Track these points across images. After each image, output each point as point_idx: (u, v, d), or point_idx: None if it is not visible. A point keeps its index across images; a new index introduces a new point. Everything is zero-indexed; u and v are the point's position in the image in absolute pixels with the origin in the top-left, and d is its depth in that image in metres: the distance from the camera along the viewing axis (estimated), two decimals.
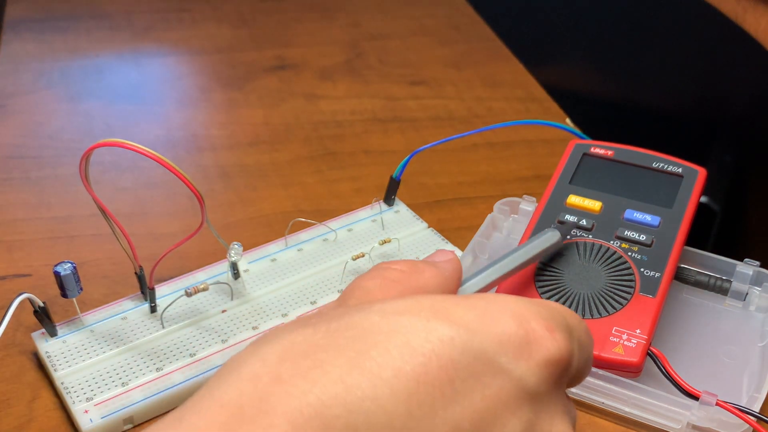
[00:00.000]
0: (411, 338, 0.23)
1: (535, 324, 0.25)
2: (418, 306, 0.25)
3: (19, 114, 0.64)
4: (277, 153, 0.61)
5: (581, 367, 0.27)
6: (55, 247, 0.51)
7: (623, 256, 0.43)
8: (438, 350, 0.23)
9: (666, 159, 0.47)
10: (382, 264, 0.30)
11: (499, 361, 0.24)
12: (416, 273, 0.29)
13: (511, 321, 0.24)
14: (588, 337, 0.28)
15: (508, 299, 0.26)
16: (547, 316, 0.25)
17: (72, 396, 0.39)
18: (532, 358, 0.24)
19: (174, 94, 0.69)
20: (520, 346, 0.24)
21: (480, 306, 0.25)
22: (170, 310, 0.44)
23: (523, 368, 0.24)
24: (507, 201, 0.50)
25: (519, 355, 0.24)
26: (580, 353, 0.26)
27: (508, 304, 0.25)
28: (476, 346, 0.23)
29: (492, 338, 0.24)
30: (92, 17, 0.78)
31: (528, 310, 0.25)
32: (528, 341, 0.24)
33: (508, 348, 0.24)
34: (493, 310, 0.25)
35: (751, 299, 0.44)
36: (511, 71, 0.73)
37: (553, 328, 0.25)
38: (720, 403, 0.37)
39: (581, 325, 0.27)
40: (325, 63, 0.73)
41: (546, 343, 0.24)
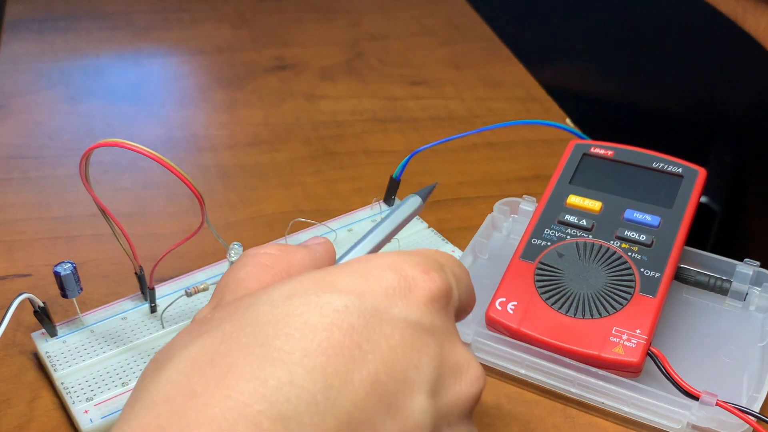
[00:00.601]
0: (308, 317, 0.24)
1: (411, 270, 0.27)
2: (303, 285, 0.26)
3: (19, 114, 0.64)
4: (277, 153, 0.61)
5: (464, 296, 0.30)
6: (55, 247, 0.51)
7: (623, 256, 0.43)
8: (336, 321, 0.24)
9: (666, 159, 0.47)
10: (250, 250, 0.30)
11: (392, 312, 0.25)
12: (287, 255, 0.30)
13: (390, 274, 0.26)
14: (461, 269, 0.30)
15: (382, 256, 0.27)
16: (420, 261, 0.27)
17: (72, 396, 0.39)
18: (418, 299, 0.26)
19: (174, 94, 0.69)
20: (404, 292, 0.26)
21: (360, 269, 0.26)
22: (170, 310, 0.44)
23: (413, 310, 0.26)
24: (507, 201, 0.50)
25: (406, 301, 0.26)
26: (458, 284, 0.29)
27: (384, 260, 0.27)
28: (368, 306, 0.25)
29: (379, 294, 0.26)
30: (92, 17, 0.78)
31: (401, 260, 0.27)
32: (409, 287, 0.26)
33: (395, 298, 0.26)
34: (372, 269, 0.26)
35: (751, 299, 0.44)
36: (511, 71, 0.73)
37: (427, 269, 0.27)
38: (720, 403, 0.37)
39: (451, 260, 0.30)
40: (325, 63, 0.73)
41: (424, 283, 0.27)
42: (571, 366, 0.39)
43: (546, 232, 0.45)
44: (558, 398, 0.41)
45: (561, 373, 0.40)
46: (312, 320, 0.24)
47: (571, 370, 0.39)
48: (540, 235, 0.44)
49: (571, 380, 0.39)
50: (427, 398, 0.24)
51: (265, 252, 0.30)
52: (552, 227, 0.45)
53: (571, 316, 0.40)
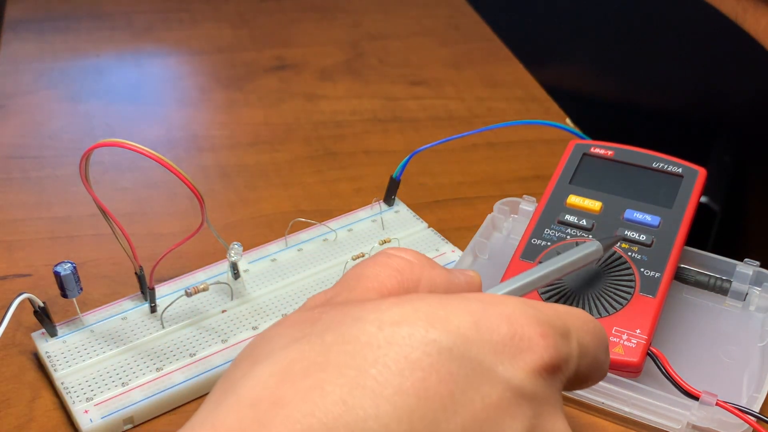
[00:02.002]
0: (409, 352, 0.23)
1: (528, 330, 0.25)
2: (415, 314, 0.24)
3: (19, 114, 0.64)
4: (277, 153, 0.61)
5: (584, 368, 0.27)
6: (55, 247, 0.51)
7: (623, 256, 0.43)
8: (436, 363, 0.23)
9: (666, 159, 0.47)
10: (388, 249, 0.29)
11: (495, 369, 0.24)
12: (422, 267, 0.29)
13: (505, 327, 0.25)
14: (594, 338, 0.28)
15: (506, 302, 0.26)
16: (543, 320, 0.25)
17: (72, 396, 0.39)
18: (526, 363, 0.24)
19: (174, 94, 0.69)
20: (513, 352, 0.24)
21: (477, 311, 0.25)
22: (170, 310, 0.44)
23: (518, 374, 0.24)
24: (507, 201, 0.50)
25: (513, 362, 0.24)
26: (581, 354, 0.27)
27: (504, 309, 0.25)
28: (473, 356, 0.24)
29: (488, 346, 0.24)
30: (92, 17, 0.78)
31: (523, 314, 0.25)
32: (521, 348, 0.25)
33: (503, 355, 0.24)
34: (489, 315, 0.25)
35: (751, 299, 0.44)
36: (511, 71, 0.73)
37: (546, 334, 0.25)
38: (720, 403, 0.37)
39: (586, 326, 0.28)
40: (325, 63, 0.73)
41: (538, 349, 0.25)
42: None
43: (546, 232, 0.45)
44: None
45: None
46: (413, 356, 0.23)
47: None
48: (540, 235, 0.44)
49: None
50: None
51: (401, 256, 0.29)
52: (552, 227, 0.45)
53: None
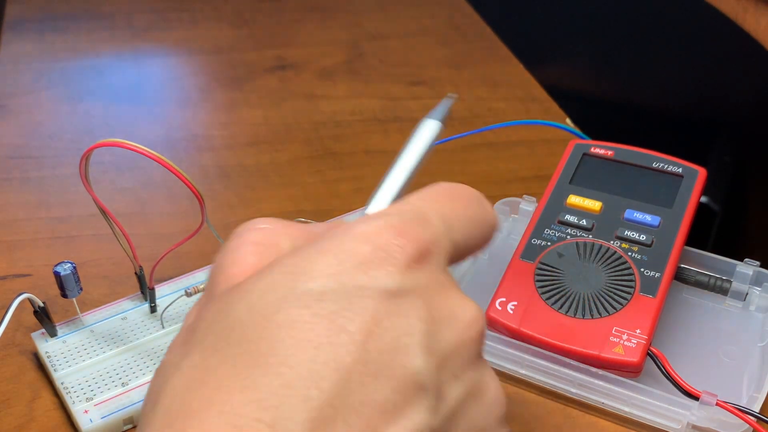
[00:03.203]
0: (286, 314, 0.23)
1: (384, 237, 0.25)
2: (276, 278, 0.24)
3: (19, 114, 0.64)
4: (277, 153, 0.61)
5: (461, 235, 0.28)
6: (55, 247, 0.51)
7: (623, 256, 0.43)
8: (316, 310, 0.23)
9: (666, 159, 0.47)
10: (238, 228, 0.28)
11: (371, 285, 0.24)
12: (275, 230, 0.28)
13: (363, 246, 0.25)
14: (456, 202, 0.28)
15: (357, 224, 0.26)
16: (396, 221, 0.26)
17: (72, 396, 0.39)
18: (395, 265, 0.25)
19: (174, 94, 0.69)
20: (379, 262, 0.25)
21: (333, 248, 0.25)
22: (170, 310, 0.44)
23: (393, 278, 0.24)
24: (507, 201, 0.50)
25: (383, 270, 0.24)
26: (449, 228, 0.27)
27: (357, 231, 0.25)
28: (346, 285, 0.24)
29: (355, 271, 0.24)
30: (92, 17, 0.78)
31: (375, 227, 0.25)
32: (383, 255, 0.25)
33: (371, 270, 0.24)
34: (345, 245, 0.25)
35: (751, 299, 0.44)
36: (511, 71, 0.73)
37: (402, 230, 0.25)
38: (720, 403, 0.37)
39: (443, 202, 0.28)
40: (325, 63, 0.73)
41: (398, 248, 0.25)
42: (571, 366, 0.39)
43: (546, 232, 0.45)
44: (558, 398, 0.41)
45: (561, 373, 0.40)
46: (290, 315, 0.23)
47: (571, 370, 0.39)
48: (540, 235, 0.44)
49: (571, 380, 0.39)
50: (423, 357, 0.24)
51: (253, 228, 0.28)
52: (552, 227, 0.45)
53: (571, 316, 0.40)
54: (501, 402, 0.26)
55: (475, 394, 0.26)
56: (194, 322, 0.26)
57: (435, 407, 0.24)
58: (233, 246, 0.28)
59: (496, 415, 0.26)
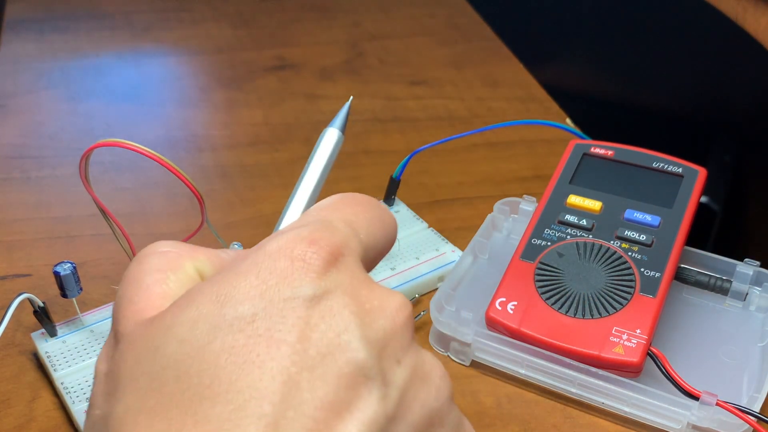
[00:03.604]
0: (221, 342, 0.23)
1: (297, 248, 0.25)
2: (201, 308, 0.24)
3: (19, 114, 0.64)
4: (277, 153, 0.61)
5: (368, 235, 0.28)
6: (55, 247, 0.51)
7: (623, 256, 0.43)
8: (250, 332, 0.23)
9: (666, 159, 0.47)
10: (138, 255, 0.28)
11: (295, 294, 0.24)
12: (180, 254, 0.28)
13: (280, 261, 0.25)
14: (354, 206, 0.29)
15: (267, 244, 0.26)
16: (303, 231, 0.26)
17: (72, 396, 0.39)
18: (311, 272, 0.25)
19: (174, 94, 0.69)
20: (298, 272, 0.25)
21: (251, 269, 0.25)
22: None
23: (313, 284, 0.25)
24: (507, 201, 0.50)
25: (302, 278, 0.25)
26: (355, 229, 0.28)
27: (270, 248, 0.26)
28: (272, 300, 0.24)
29: (277, 285, 0.25)
30: (92, 17, 0.78)
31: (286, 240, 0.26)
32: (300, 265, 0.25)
33: (292, 281, 0.25)
34: (262, 264, 0.25)
35: (751, 299, 0.44)
36: (511, 71, 0.73)
37: (311, 238, 0.26)
38: (720, 403, 0.37)
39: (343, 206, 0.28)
40: (325, 63, 0.73)
41: (312, 255, 0.25)
42: (571, 366, 0.39)
43: (546, 232, 0.45)
44: (558, 398, 0.41)
45: (561, 373, 0.40)
46: (228, 342, 0.23)
47: (571, 370, 0.39)
48: (540, 235, 0.44)
49: (571, 380, 0.39)
50: (364, 348, 0.24)
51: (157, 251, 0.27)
52: (552, 227, 0.45)
53: (571, 316, 0.40)
54: (447, 382, 0.27)
55: (421, 376, 0.26)
56: (112, 369, 0.25)
57: (385, 394, 0.24)
58: (134, 275, 0.27)
59: (446, 395, 0.26)
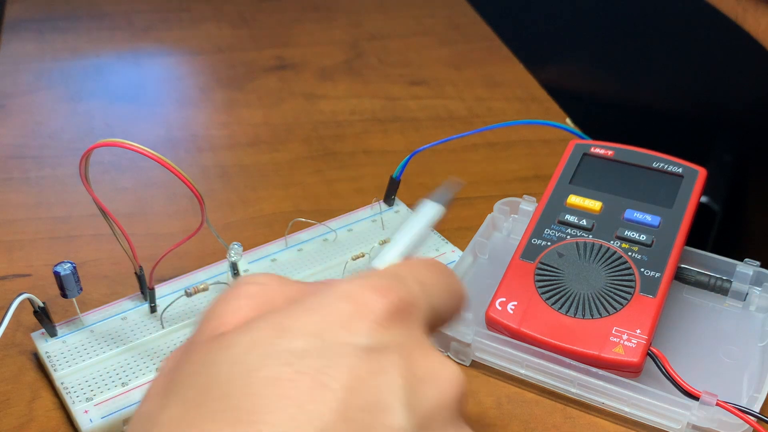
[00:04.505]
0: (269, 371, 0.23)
1: (364, 295, 0.26)
2: (260, 334, 0.25)
3: (19, 114, 0.64)
4: (277, 153, 0.61)
5: (439, 301, 0.28)
6: (55, 247, 0.51)
7: (623, 256, 0.43)
8: (299, 368, 0.23)
9: (666, 159, 0.47)
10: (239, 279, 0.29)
11: (351, 342, 0.24)
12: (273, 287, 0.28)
13: (344, 304, 0.25)
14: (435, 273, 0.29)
15: (338, 286, 0.26)
16: (375, 281, 0.26)
17: (72, 396, 0.39)
18: (374, 321, 0.25)
19: (174, 94, 0.69)
20: (359, 319, 0.25)
21: (315, 306, 0.26)
22: (170, 310, 0.44)
23: (372, 334, 0.25)
24: (507, 201, 0.50)
25: (363, 326, 0.25)
26: (425, 290, 0.28)
27: (338, 291, 0.26)
28: (328, 343, 0.24)
29: (336, 328, 0.25)
30: (92, 17, 0.78)
31: (356, 286, 0.26)
32: (364, 311, 0.25)
33: (352, 327, 0.25)
34: (327, 304, 0.26)
35: (751, 299, 0.44)
36: (511, 71, 0.73)
37: (380, 287, 0.26)
38: (720, 403, 0.37)
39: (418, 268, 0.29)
40: (325, 63, 0.73)
41: (377, 303, 0.25)
42: (571, 366, 0.39)
43: (546, 232, 0.45)
44: (558, 398, 0.41)
45: (561, 373, 0.40)
46: (274, 373, 0.23)
47: (571, 370, 0.39)
48: (540, 235, 0.44)
49: (571, 380, 0.39)
50: (405, 415, 0.24)
51: (248, 282, 0.28)
52: (552, 227, 0.45)
53: (571, 316, 0.40)
54: None
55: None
56: (174, 370, 0.26)
57: None
58: (228, 297, 0.28)
59: None
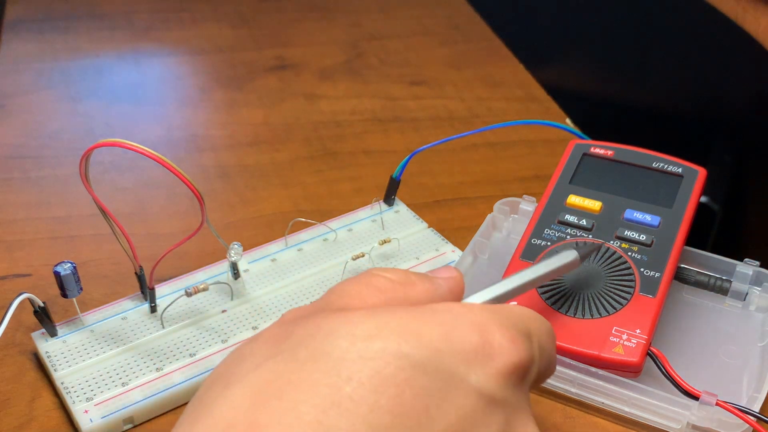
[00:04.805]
0: (383, 367, 0.23)
1: (497, 336, 0.25)
2: (388, 327, 0.25)
3: (19, 114, 0.64)
4: (277, 153, 0.61)
5: (543, 369, 0.28)
6: (55, 247, 0.51)
7: (623, 256, 0.43)
8: (410, 378, 0.23)
9: (666, 159, 0.47)
10: (372, 269, 0.29)
11: (468, 379, 0.24)
12: (406, 285, 0.28)
13: (475, 336, 0.25)
14: (548, 337, 0.29)
15: (475, 311, 0.26)
16: (509, 324, 0.26)
17: (72, 396, 0.39)
18: (498, 370, 0.25)
19: (174, 94, 0.69)
20: (485, 360, 0.25)
21: (446, 321, 0.25)
22: (170, 310, 0.44)
23: (490, 382, 0.25)
24: (507, 201, 0.50)
25: (485, 369, 0.25)
26: (541, 355, 0.28)
27: (474, 317, 0.26)
28: (445, 368, 0.24)
29: (459, 357, 0.24)
30: (92, 17, 0.78)
31: (492, 321, 0.26)
32: (491, 354, 0.25)
33: (474, 364, 0.25)
34: (459, 325, 0.25)
35: (751, 299, 0.44)
36: (511, 71, 0.73)
37: (515, 338, 0.26)
38: (720, 403, 0.37)
39: (543, 327, 0.29)
40: (325, 63, 0.73)
41: (508, 354, 0.25)
42: (571, 366, 0.39)
43: (546, 232, 0.45)
44: (558, 398, 0.41)
45: (561, 373, 0.40)
46: (386, 371, 0.23)
47: (571, 370, 0.39)
48: (540, 235, 0.44)
49: (571, 380, 0.39)
50: None
51: (385, 276, 0.28)
52: (552, 227, 0.45)
53: (570, 315, 0.40)
54: None
55: None
56: (293, 326, 0.26)
57: None
58: (359, 281, 0.28)
59: None
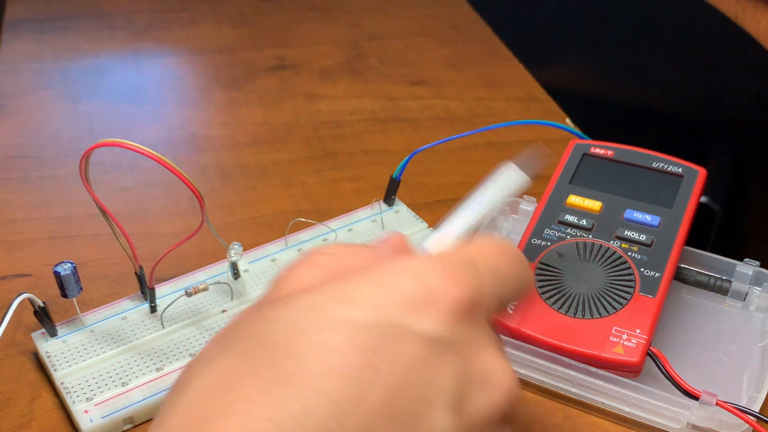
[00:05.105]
0: (321, 336, 0.23)
1: (435, 279, 0.25)
2: (323, 297, 0.24)
3: (19, 114, 0.64)
4: (277, 153, 0.61)
5: (504, 292, 0.28)
6: (55, 247, 0.51)
7: (623, 256, 0.43)
8: (351, 339, 0.23)
9: (666, 159, 0.47)
10: (313, 248, 0.29)
11: (411, 327, 0.24)
12: (347, 256, 0.28)
13: (412, 284, 0.25)
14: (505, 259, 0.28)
15: (411, 263, 0.26)
16: (448, 265, 0.25)
17: (72, 396, 0.39)
18: (440, 311, 0.24)
19: (174, 94, 0.69)
20: (425, 304, 0.24)
21: (382, 279, 0.25)
22: (170, 310, 0.44)
23: (435, 324, 0.24)
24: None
25: (427, 314, 0.24)
26: (495, 280, 0.27)
27: (409, 267, 0.25)
28: (386, 321, 0.24)
29: (398, 308, 0.24)
30: (92, 17, 0.78)
31: (427, 266, 0.25)
32: (431, 297, 0.24)
33: (415, 311, 0.24)
34: (394, 278, 0.25)
35: (751, 299, 0.44)
36: (511, 71, 0.73)
37: (453, 275, 0.25)
38: (720, 403, 0.37)
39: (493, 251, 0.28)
40: (325, 63, 0.73)
41: (447, 293, 0.25)
42: (571, 366, 0.39)
43: (546, 232, 0.45)
44: (558, 398, 0.41)
45: (561, 373, 0.40)
46: (325, 339, 0.23)
47: (571, 370, 0.39)
48: (540, 235, 0.44)
49: (571, 380, 0.39)
50: (448, 415, 0.23)
51: (323, 252, 0.28)
52: (552, 227, 0.45)
53: (571, 316, 0.40)
54: None
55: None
56: (238, 323, 0.26)
57: None
58: (297, 264, 0.28)
59: None
